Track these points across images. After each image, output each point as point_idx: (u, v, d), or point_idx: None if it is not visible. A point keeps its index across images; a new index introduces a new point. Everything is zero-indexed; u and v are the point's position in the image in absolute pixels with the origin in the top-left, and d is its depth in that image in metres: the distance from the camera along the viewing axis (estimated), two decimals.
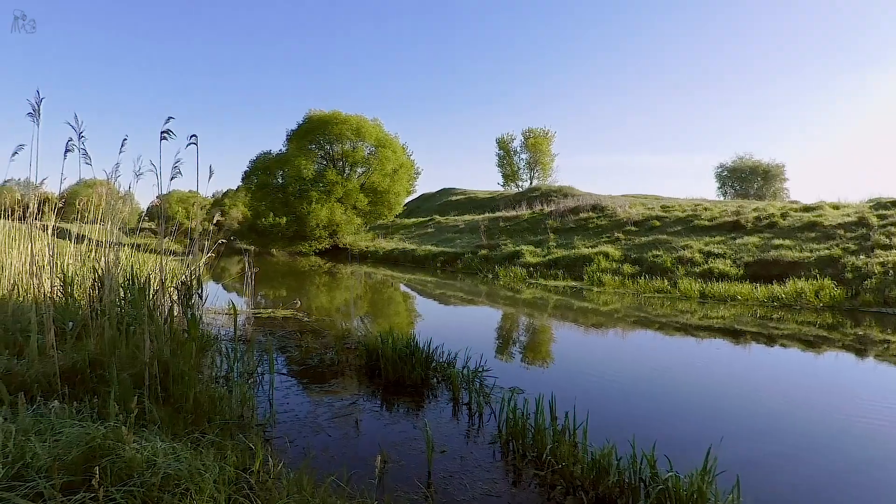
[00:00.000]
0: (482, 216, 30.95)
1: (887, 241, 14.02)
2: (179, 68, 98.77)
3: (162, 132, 4.73)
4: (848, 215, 16.74)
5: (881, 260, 12.87)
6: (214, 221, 8.29)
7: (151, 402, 3.96)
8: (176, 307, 6.22)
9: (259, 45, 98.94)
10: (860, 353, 8.10)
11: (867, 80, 77.52)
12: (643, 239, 19.20)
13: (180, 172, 5.14)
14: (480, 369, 5.90)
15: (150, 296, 5.81)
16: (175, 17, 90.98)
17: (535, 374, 6.74)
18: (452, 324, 11.23)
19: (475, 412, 5.02)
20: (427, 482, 3.60)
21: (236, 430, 4.06)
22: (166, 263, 6.42)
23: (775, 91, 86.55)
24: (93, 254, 7.41)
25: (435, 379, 5.99)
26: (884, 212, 16.31)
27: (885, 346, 8.44)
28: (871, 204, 18.07)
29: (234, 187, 50.73)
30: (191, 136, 4.90)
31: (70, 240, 8.02)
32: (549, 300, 13.74)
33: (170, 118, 4.73)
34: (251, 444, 3.48)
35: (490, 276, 18.92)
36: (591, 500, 3.40)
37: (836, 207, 18.41)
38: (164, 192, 5.27)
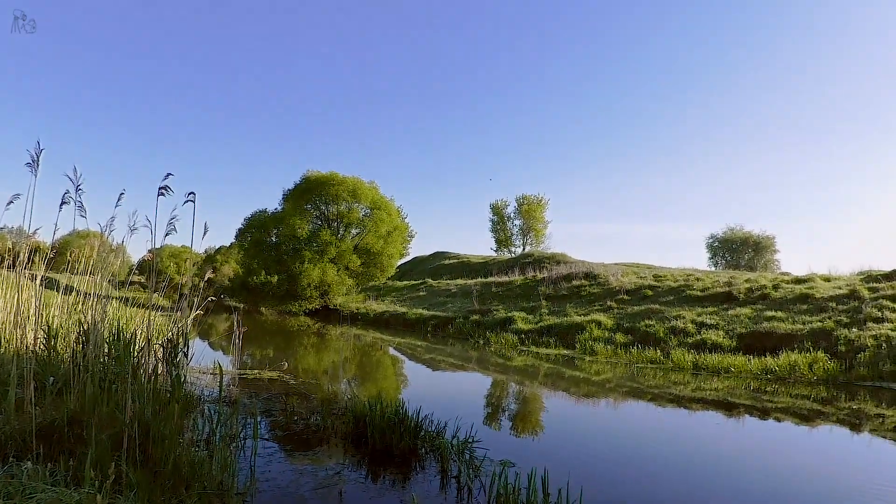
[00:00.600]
0: (475, 281, 30.86)
1: (879, 314, 14.01)
2: (180, 125, 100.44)
3: (160, 188, 4.76)
4: (839, 287, 16.77)
5: (874, 333, 12.85)
6: (206, 278, 8.24)
7: (129, 465, 3.80)
8: (161, 365, 6.08)
9: (261, 106, 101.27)
10: (854, 427, 7.98)
11: (856, 151, 79.89)
12: (636, 308, 19.15)
13: (175, 229, 5.15)
14: (470, 439, 5.72)
15: (136, 352, 5.68)
16: (178, 72, 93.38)
17: (526, 445, 6.56)
18: (442, 390, 11.02)
19: (464, 485, 4.84)
20: None
21: (215, 498, 3.88)
22: (153, 319, 6.32)
23: (766, 162, 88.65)
24: (80, 306, 7.30)
25: (423, 449, 5.80)
26: (874, 284, 16.34)
27: (881, 420, 8.33)
28: (861, 276, 18.17)
29: (227, 243, 50.69)
30: (188, 194, 4.92)
31: (58, 290, 7.92)
32: (541, 368, 13.56)
33: (168, 174, 4.78)
34: None
35: (481, 341, 18.70)
36: None
37: (827, 279, 18.48)
38: (158, 246, 5.26)
